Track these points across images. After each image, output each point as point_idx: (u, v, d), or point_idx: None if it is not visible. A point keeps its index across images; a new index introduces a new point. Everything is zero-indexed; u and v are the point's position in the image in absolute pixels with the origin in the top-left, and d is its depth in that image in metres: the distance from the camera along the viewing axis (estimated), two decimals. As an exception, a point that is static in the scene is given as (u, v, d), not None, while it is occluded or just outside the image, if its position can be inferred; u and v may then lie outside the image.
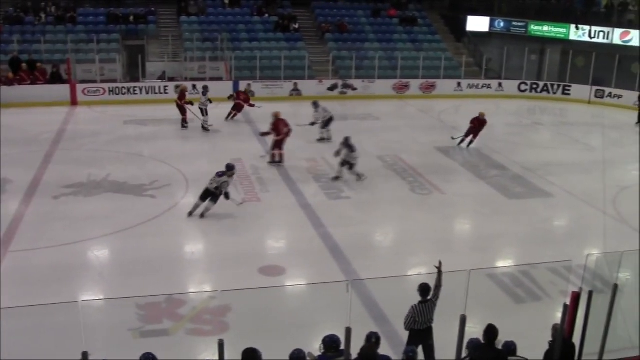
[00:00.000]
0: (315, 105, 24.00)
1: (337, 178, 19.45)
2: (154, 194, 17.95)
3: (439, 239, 15.93)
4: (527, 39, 36.54)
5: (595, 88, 34.25)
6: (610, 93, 33.62)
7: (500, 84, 34.90)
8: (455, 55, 36.23)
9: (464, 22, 37.71)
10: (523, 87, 35.17)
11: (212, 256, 14.53)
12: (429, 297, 9.82)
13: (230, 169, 16.19)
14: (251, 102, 26.89)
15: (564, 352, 8.69)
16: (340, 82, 32.45)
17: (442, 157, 22.97)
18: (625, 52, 34.01)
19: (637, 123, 29.54)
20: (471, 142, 23.93)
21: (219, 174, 15.86)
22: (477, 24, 37.64)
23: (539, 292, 13.31)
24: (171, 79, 30.57)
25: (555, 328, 8.77)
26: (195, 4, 35.35)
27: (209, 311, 11.95)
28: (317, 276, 13.33)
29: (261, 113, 25.16)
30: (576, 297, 9.19)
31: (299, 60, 33.01)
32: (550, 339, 8.85)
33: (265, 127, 23.78)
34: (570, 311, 9.12)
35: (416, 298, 9.78)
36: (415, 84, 33.44)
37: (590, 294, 9.22)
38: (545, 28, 36.54)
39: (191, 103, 24.93)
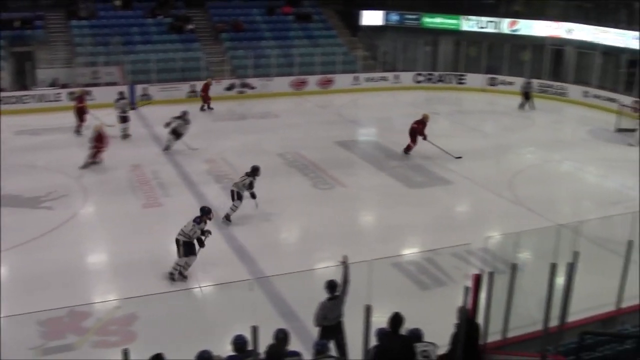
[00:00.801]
0: (185, 114, 22.76)
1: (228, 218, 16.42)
2: (50, 206, 17.38)
3: (344, 232, 16.00)
4: (421, 31, 37.17)
5: (488, 76, 35.34)
6: (503, 80, 34.64)
7: (396, 76, 35.45)
8: (352, 49, 36.53)
9: (358, 17, 38.04)
10: (419, 78, 35.82)
11: (115, 265, 14.15)
12: (336, 293, 9.85)
13: (206, 212, 13.86)
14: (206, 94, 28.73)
15: (468, 333, 8.85)
16: (237, 82, 32.23)
17: (342, 151, 23.12)
18: (515, 40, 35.22)
19: (519, 107, 31.02)
20: (409, 147, 22.57)
21: (197, 221, 13.64)
22: (372, 18, 38.03)
23: (444, 278, 13.56)
24: (64, 86, 29.63)
25: (460, 310, 8.92)
26: (85, 7, 34.29)
27: (114, 322, 11.66)
28: (224, 278, 13.20)
29: (161, 116, 24.69)
30: (477, 279, 9.39)
31: (195, 62, 32.59)
32: (457, 321, 9.00)
33: (161, 130, 23.47)
34: (473, 293, 9.30)
35: (324, 292, 9.81)
36: (313, 80, 33.55)
37: (491, 274, 9.44)
38: (438, 20, 37.25)
39: (84, 110, 24.32)
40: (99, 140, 20.81)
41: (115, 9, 35.25)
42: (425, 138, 22.21)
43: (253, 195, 16.52)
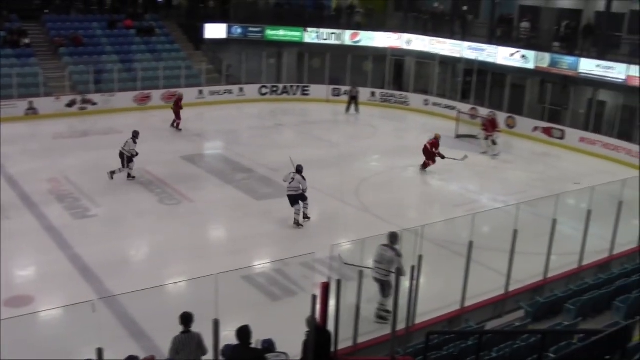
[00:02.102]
0: (136, 135, 21.43)
1: None
2: None
3: (193, 246, 15.84)
4: (265, 44, 37.33)
5: (332, 87, 35.95)
6: (346, 91, 35.26)
7: (241, 89, 35.38)
8: (195, 63, 36.15)
9: (201, 30, 37.74)
10: (264, 90, 35.94)
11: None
12: (191, 328, 9.37)
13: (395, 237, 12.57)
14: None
15: (319, 341, 8.88)
16: (78, 98, 31.13)
17: (188, 165, 22.82)
18: (357, 51, 36.10)
19: (346, 111, 32.62)
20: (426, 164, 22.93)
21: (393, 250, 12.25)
22: (215, 31, 37.77)
23: (294, 287, 13.64)
24: None
25: (308, 319, 8.93)
26: None
27: (-55, 360, 10.92)
28: (69, 300, 12.56)
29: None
30: (326, 287, 9.45)
31: (33, 77, 31.18)
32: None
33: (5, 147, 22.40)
34: (322, 301, 9.35)
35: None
36: (156, 95, 32.87)
37: (339, 282, 9.53)
38: (281, 32, 37.56)
39: None
40: None
41: (-59, 22, 33.24)
42: (441, 155, 22.68)
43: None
